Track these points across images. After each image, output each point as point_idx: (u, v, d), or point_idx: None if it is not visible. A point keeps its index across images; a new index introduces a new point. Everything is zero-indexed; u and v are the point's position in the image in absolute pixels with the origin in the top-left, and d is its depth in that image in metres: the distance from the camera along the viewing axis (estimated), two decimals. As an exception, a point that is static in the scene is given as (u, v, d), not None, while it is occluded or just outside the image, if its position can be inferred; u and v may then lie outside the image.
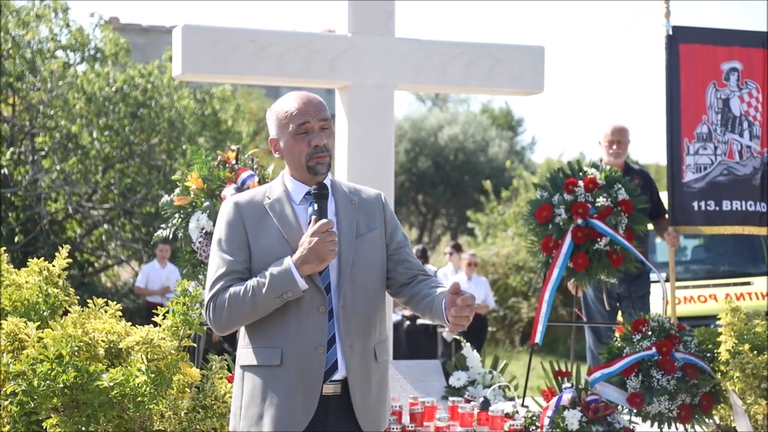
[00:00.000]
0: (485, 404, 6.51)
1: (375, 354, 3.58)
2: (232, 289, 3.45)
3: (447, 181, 28.69)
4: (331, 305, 3.51)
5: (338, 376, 3.49)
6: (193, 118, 15.96)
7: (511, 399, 6.98)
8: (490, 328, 14.64)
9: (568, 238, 6.83)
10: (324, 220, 3.46)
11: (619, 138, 7.65)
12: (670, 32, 7.33)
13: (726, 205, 7.28)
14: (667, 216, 7.46)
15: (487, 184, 21.83)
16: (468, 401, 6.70)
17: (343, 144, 7.12)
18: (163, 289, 13.29)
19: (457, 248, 14.18)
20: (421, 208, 30.84)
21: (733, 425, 6.30)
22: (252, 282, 3.44)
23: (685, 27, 7.36)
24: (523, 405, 6.83)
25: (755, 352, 6.17)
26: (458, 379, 7.17)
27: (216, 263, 3.52)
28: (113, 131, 15.23)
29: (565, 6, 75.34)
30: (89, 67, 15.52)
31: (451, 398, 6.68)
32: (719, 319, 6.50)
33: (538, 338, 6.82)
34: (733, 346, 6.28)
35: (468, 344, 7.47)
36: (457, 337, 7.91)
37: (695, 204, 7.27)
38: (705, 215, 7.28)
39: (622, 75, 69.97)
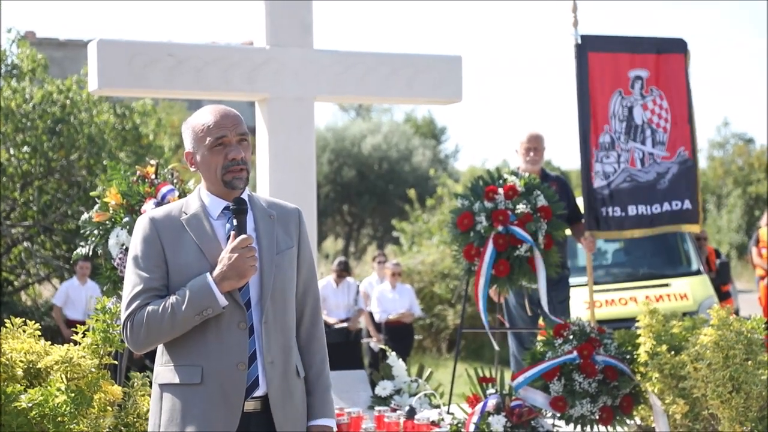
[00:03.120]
0: (411, 413, 6.55)
1: (297, 370, 3.56)
2: (150, 307, 3.39)
3: (371, 191, 28.78)
4: (252, 321, 3.46)
5: (259, 392, 3.45)
6: (114, 133, 15.76)
7: (437, 406, 7.03)
8: (416, 336, 14.70)
9: (490, 245, 6.91)
10: (243, 236, 3.42)
11: (535, 145, 7.74)
12: (579, 41, 7.45)
13: (631, 210, 7.45)
14: (583, 221, 7.59)
15: (412, 192, 21.93)
16: (394, 410, 6.72)
17: (264, 157, 7.11)
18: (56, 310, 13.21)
19: (384, 257, 14.30)
20: (346, 218, 30.88)
21: (654, 425, 6.42)
22: (171, 299, 3.38)
23: (593, 36, 7.49)
24: (448, 412, 6.88)
25: (672, 352, 6.30)
26: (384, 388, 7.20)
27: (132, 280, 3.45)
28: (31, 148, 14.98)
29: (484, 15, 76.10)
30: (6, 84, 15.25)
31: (377, 408, 6.70)
32: (638, 321, 6.63)
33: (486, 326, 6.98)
34: (651, 348, 6.40)
35: (393, 353, 7.50)
36: (383, 347, 7.93)
37: (603, 210, 7.43)
38: (613, 221, 7.45)
39: (544, 82, 70.85)
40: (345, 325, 12.33)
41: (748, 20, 63.42)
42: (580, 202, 7.86)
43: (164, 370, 3.49)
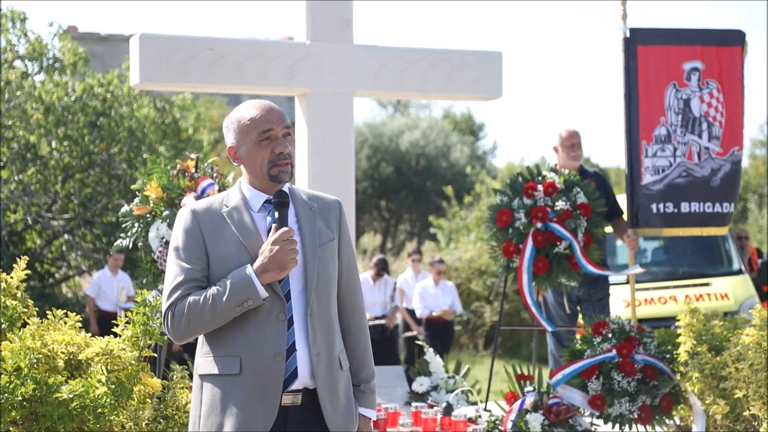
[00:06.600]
0: (448, 409, 6.53)
1: (340, 362, 3.56)
2: (191, 298, 3.41)
3: (409, 187, 28.74)
4: (291, 313, 3.47)
5: (297, 385, 3.45)
6: (154, 127, 15.88)
7: (474, 403, 7.01)
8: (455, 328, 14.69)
9: (530, 242, 6.87)
10: (285, 228, 3.42)
11: (578, 141, 7.67)
12: (628, 34, 7.32)
13: (684, 207, 7.32)
14: (624, 217, 7.52)
15: (449, 189, 21.90)
16: (431, 406, 6.71)
17: (303, 151, 7.12)
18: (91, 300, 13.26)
19: (419, 253, 14.31)
20: (383, 213, 30.87)
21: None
22: (212, 290, 3.40)
23: (643, 29, 7.37)
24: (485, 409, 6.86)
25: (713, 352, 6.23)
26: (421, 384, 7.19)
27: (174, 271, 3.47)
28: (72, 141, 15.12)
29: (525, 10, 75.83)
30: (48, 77, 15.39)
31: (414, 404, 6.68)
32: (678, 320, 6.57)
33: (549, 327, 6.98)
34: (691, 347, 6.34)
35: (431, 349, 7.49)
36: (420, 342, 7.92)
37: (654, 206, 7.30)
38: (663, 217, 7.32)
39: (581, 78, 70.45)
40: (381, 322, 12.34)
41: (748, 20, 62.68)
42: (619, 198, 7.79)
43: (204, 360, 3.51)
